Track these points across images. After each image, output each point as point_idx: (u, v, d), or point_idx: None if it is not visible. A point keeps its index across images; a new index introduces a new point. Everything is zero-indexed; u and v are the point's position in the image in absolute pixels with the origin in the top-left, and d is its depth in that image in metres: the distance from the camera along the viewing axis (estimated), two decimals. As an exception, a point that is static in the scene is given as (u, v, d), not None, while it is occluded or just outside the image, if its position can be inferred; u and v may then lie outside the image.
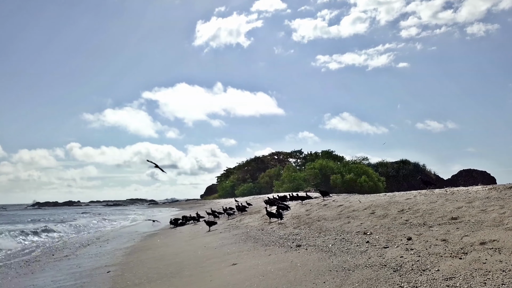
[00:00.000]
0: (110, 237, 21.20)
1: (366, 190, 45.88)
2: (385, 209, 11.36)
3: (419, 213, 9.81)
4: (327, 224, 11.43)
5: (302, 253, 8.30)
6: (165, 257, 11.34)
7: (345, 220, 11.21)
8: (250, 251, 9.67)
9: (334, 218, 12.00)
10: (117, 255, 13.52)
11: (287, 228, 12.38)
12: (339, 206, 13.96)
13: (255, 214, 18.82)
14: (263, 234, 12.15)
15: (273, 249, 9.35)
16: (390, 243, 7.58)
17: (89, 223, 33.65)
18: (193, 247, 12.55)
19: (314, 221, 12.28)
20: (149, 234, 20.89)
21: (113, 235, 22.50)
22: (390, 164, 68.31)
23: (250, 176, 65.55)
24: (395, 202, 12.11)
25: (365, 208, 12.31)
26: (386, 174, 63.09)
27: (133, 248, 15.28)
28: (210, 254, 10.48)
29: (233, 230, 14.74)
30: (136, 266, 10.69)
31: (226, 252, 10.20)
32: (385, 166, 66.87)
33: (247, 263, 8.34)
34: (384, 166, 66.58)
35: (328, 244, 8.69)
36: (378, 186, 52.23)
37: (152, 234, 20.36)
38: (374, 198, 14.22)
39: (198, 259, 10.06)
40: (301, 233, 10.87)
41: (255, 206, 24.43)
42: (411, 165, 68.57)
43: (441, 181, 64.45)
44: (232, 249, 10.52)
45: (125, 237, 20.75)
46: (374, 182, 53.23)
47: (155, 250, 13.38)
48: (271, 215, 14.98)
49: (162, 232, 20.74)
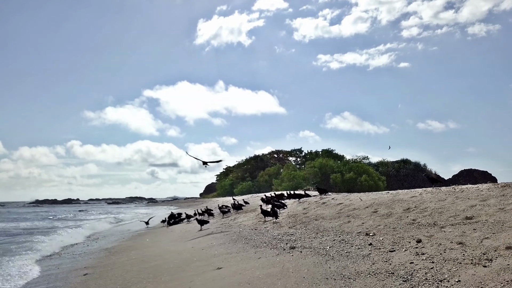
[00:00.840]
0: (101, 236, 20.19)
1: (367, 189, 44.75)
2: (389, 207, 10.30)
3: (427, 212, 8.75)
4: (325, 223, 10.38)
5: (296, 256, 7.25)
6: (148, 259, 10.30)
7: (345, 220, 10.16)
8: (239, 253, 8.62)
9: (333, 217, 10.95)
10: (100, 256, 12.49)
11: (282, 227, 11.33)
12: (339, 204, 12.90)
13: (251, 213, 17.77)
14: (256, 234, 11.10)
15: (264, 251, 8.30)
16: (396, 246, 6.53)
17: (85, 220, 32.66)
18: (180, 247, 11.52)
19: (311, 220, 11.23)
20: (140, 233, 19.85)
21: (104, 234, 21.50)
22: (391, 163, 67.14)
23: (249, 175, 64.48)
24: (399, 200, 11.05)
25: (366, 206, 11.25)
26: (387, 173, 61.94)
27: (119, 247, 14.24)
28: (196, 255, 9.43)
29: (225, 230, 13.69)
30: (116, 269, 9.66)
31: (213, 254, 9.15)
32: (386, 166, 65.70)
33: (233, 268, 7.29)
34: (384, 165, 65.43)
35: (325, 246, 7.64)
36: (378, 186, 51.11)
37: (143, 233, 19.32)
38: (376, 196, 13.15)
39: (182, 261, 9.02)
40: (296, 233, 9.82)
41: (252, 205, 23.37)
42: (412, 165, 67.40)
43: (441, 181, 63.38)
44: (220, 251, 9.47)
45: (116, 235, 19.72)
46: (375, 181, 52.10)
47: (140, 251, 12.34)
48: (265, 214, 13.95)
49: (154, 231, 19.70)
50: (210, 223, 17.62)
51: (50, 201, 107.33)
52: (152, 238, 16.13)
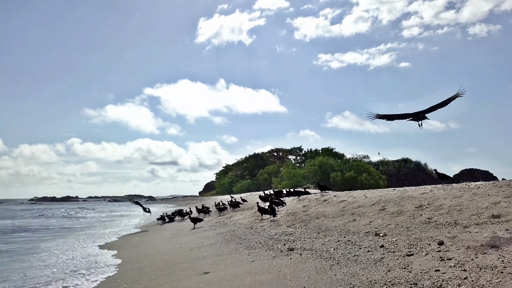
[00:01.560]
0: (91, 234, 19.11)
1: (367, 188, 43.64)
2: (398, 204, 9.22)
3: (444, 209, 7.67)
4: (327, 222, 9.30)
5: (295, 259, 6.18)
6: (131, 261, 9.23)
7: (349, 218, 9.08)
8: (231, 255, 7.54)
9: (336, 215, 9.87)
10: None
11: (280, 226, 10.26)
12: (342, 201, 11.82)
13: (248, 211, 16.70)
14: (251, 233, 10.03)
15: (258, 253, 7.22)
16: (414, 249, 5.45)
17: (80, 218, 31.62)
18: (168, 247, 10.45)
19: (312, 219, 10.15)
20: (131, 231, 18.77)
21: (92, 233, 20.41)
22: (391, 162, 66.01)
23: (248, 173, 63.35)
24: (409, 197, 9.98)
25: (372, 203, 10.18)
26: (387, 172, 60.82)
27: (107, 247, 13.17)
28: (183, 257, 8.36)
29: (219, 228, 12.62)
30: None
31: (202, 256, 8.07)
32: (386, 165, 64.56)
33: (222, 272, 6.22)
34: (385, 164, 64.30)
35: (329, 248, 6.57)
36: (379, 184, 50.00)
37: (134, 232, 18.24)
38: (381, 192, 12.08)
39: (167, 263, 7.94)
40: (295, 233, 8.75)
41: (250, 203, 22.31)
42: (412, 164, 66.24)
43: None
44: (210, 252, 8.39)
45: (107, 234, 18.64)
46: (375, 180, 50.99)
47: (126, 251, 11.26)
48: (263, 211, 12.89)
49: (147, 229, 18.62)
50: (204, 221, 16.57)
51: (49, 198, 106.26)
52: (143, 237, 15.05)
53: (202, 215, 19.05)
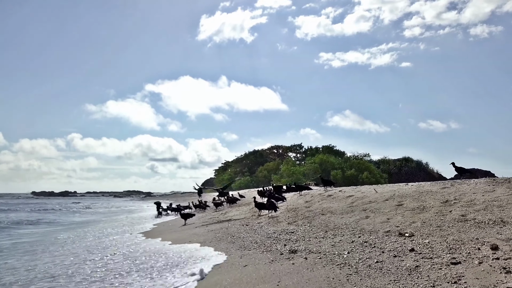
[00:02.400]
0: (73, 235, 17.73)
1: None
2: (418, 200, 7.83)
3: (478, 205, 6.27)
4: (335, 219, 7.90)
5: (299, 265, 4.79)
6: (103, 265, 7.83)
7: (361, 214, 7.67)
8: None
9: (345, 211, 8.47)
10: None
11: (280, 223, 8.86)
12: (349, 196, 10.43)
13: (244, 206, 15.32)
14: (246, 231, 8.63)
15: (253, 256, 5.82)
16: (459, 255, 4.05)
17: (68, 214, 30.25)
18: (150, 247, 9.05)
19: (317, 215, 8.75)
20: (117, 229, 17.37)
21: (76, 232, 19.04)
22: (392, 161, 64.61)
23: (248, 170, 61.95)
24: (428, 191, 8.58)
25: (386, 199, 8.78)
26: (388, 171, 59.43)
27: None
28: (156, 260, 6.96)
29: (211, 225, 11.22)
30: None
31: (186, 257, 6.67)
32: (387, 163, 63.12)
33: (205, 281, 4.82)
34: (386, 163, 62.83)
35: (341, 250, 5.17)
36: (380, 183, 48.65)
37: (120, 230, 16.84)
38: (393, 187, 10.69)
39: (140, 268, 6.55)
40: (298, 231, 7.35)
41: (248, 199, 20.95)
42: (413, 163, 64.75)
43: (443, 180, 60.89)
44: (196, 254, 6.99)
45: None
46: (376, 179, 49.58)
47: (104, 251, 9.86)
48: (260, 207, 11.49)
49: (134, 226, 17.22)
50: (197, 216, 15.18)
51: (47, 193, 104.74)
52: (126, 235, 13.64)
53: (193, 210, 17.70)
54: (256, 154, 64.86)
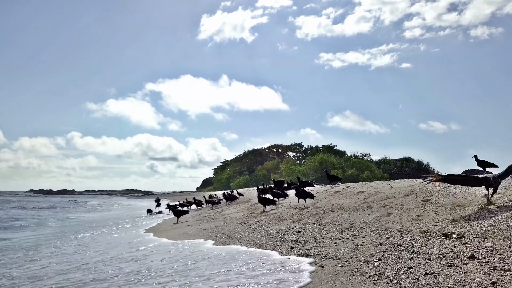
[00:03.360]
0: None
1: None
2: (447, 195, 6.54)
3: (532, 200, 4.99)
4: (349, 216, 6.59)
5: (314, 276, 3.49)
6: (66, 271, 6.53)
7: (381, 211, 6.37)
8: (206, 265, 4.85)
9: (360, 207, 7.17)
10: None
11: (283, 221, 7.55)
12: (360, 192, 9.13)
13: (242, 204, 14.02)
14: (244, 230, 7.33)
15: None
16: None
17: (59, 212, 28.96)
18: (128, 249, 7.73)
19: (326, 212, 7.44)
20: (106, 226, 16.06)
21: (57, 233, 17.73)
22: (393, 161, 63.36)
23: (247, 169, 60.63)
24: (456, 185, 7.30)
25: (406, 194, 7.49)
26: (389, 171, 58.17)
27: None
28: (134, 267, 5.66)
29: (205, 223, 9.92)
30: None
31: (163, 266, 5.38)
32: (388, 164, 61.90)
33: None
34: (386, 163, 61.61)
35: (368, 256, 3.87)
36: (381, 183, 47.40)
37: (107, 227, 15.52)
38: (410, 182, 9.40)
39: (102, 279, 5.24)
40: (306, 230, 6.05)
41: (247, 197, 19.67)
42: (414, 163, 63.51)
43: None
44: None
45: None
46: (378, 179, 48.36)
47: (80, 255, 8.55)
48: (265, 202, 10.14)
49: (125, 223, 15.91)
50: (191, 214, 13.88)
51: (45, 191, 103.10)
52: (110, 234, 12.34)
53: (186, 208, 16.44)
54: (255, 153, 63.54)
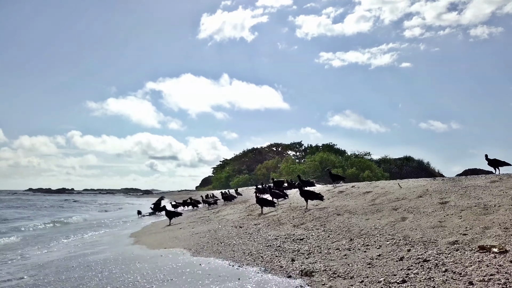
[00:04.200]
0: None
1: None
2: (467, 196, 5.77)
3: None
4: (357, 221, 5.81)
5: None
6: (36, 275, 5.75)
7: (394, 215, 5.60)
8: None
9: (368, 210, 6.39)
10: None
11: (283, 225, 6.78)
12: (367, 193, 8.37)
13: (240, 205, 13.25)
14: (239, 235, 6.54)
15: (244, 278, 3.75)
16: None
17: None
18: (118, 251, 6.96)
19: (331, 216, 6.66)
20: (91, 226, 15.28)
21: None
22: (393, 160, 62.60)
23: (246, 168, 59.81)
24: (475, 186, 6.54)
25: (418, 195, 6.72)
26: (389, 170, 57.40)
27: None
28: (110, 277, 4.88)
29: (198, 226, 9.13)
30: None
31: (143, 276, 4.60)
32: (388, 163, 61.13)
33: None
34: (387, 162, 60.85)
35: (389, 275, 3.09)
36: (382, 182, 46.65)
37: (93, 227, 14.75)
38: (420, 182, 8.62)
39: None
40: (309, 238, 5.27)
41: (245, 196, 18.93)
42: (415, 162, 62.74)
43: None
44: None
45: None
46: (378, 178, 47.57)
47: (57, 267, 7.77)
48: (262, 203, 9.36)
49: (114, 224, 15.14)
50: (187, 215, 13.10)
51: (44, 190, 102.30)
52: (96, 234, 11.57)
53: (181, 209, 15.69)
54: (254, 152, 62.73)
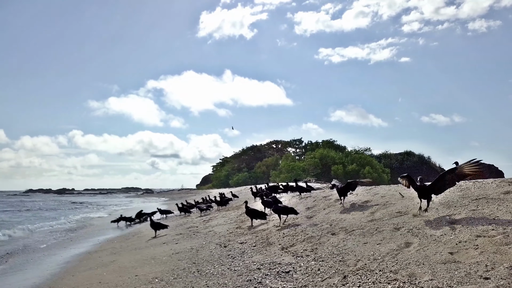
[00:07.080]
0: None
1: (370, 183, 39.29)
2: (482, 215, 4.94)
3: None
4: (353, 246, 4.99)
5: None
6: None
7: (396, 239, 4.76)
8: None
9: (366, 229, 5.55)
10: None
11: (271, 246, 5.96)
12: (365, 202, 7.53)
13: (233, 211, 12.46)
14: (221, 258, 5.72)
15: None
16: None
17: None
18: (63, 283, 6.16)
19: (324, 236, 5.83)
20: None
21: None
22: (394, 155, 61.68)
23: (246, 166, 59.05)
24: (486, 198, 5.70)
25: (431, 207, 5.89)
26: (390, 166, 56.52)
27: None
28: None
29: (183, 241, 8.31)
30: None
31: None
32: (389, 158, 60.22)
33: None
34: (387, 157, 59.96)
35: None
36: (382, 178, 45.79)
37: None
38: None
39: None
40: (296, 269, 4.45)
41: (241, 198, 18.12)
42: (415, 157, 61.84)
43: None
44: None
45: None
46: (379, 174, 46.79)
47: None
48: (253, 215, 8.57)
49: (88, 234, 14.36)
50: (176, 223, 12.30)
51: (44, 190, 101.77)
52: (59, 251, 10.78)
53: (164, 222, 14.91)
54: (254, 149, 61.91)
